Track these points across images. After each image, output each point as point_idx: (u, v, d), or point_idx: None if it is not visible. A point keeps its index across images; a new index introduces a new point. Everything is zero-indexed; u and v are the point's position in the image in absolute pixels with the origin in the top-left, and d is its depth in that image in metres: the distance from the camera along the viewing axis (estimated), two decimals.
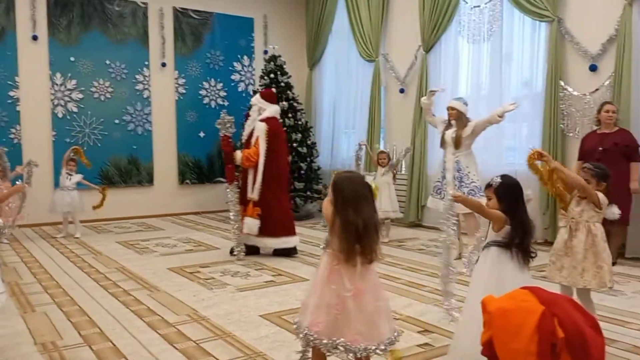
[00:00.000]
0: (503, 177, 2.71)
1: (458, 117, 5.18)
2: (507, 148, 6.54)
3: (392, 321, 2.39)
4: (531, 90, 6.26)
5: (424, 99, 5.67)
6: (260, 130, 5.42)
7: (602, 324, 3.35)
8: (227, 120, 5.38)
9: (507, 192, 2.62)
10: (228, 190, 5.42)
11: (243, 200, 5.43)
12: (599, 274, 2.98)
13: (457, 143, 5.17)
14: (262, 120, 5.45)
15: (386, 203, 6.23)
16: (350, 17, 8.41)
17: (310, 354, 2.41)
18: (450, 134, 5.24)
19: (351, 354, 2.25)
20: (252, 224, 5.32)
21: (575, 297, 3.04)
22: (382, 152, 6.53)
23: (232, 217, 5.41)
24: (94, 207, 6.81)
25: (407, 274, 4.82)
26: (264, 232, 5.37)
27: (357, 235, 2.19)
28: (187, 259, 5.43)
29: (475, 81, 6.79)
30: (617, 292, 4.15)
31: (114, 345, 3.15)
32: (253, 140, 5.45)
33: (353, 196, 2.22)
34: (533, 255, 2.63)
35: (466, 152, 5.18)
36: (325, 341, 2.21)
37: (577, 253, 3.00)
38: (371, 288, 2.28)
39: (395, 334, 2.35)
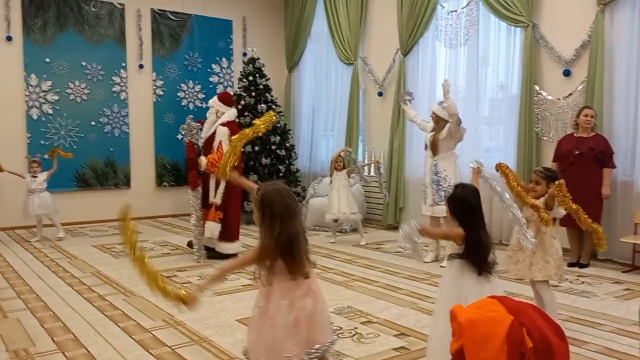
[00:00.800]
0: (456, 188, 2.66)
1: (436, 121, 5.25)
2: (485, 149, 6.62)
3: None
4: (507, 94, 6.34)
5: (406, 115, 5.84)
6: (222, 135, 5.48)
7: (573, 326, 3.46)
8: (194, 126, 5.44)
9: (457, 206, 2.60)
10: (191, 195, 5.46)
11: (205, 205, 5.48)
12: (545, 268, 3.30)
13: (434, 147, 5.23)
14: (222, 125, 5.52)
15: (344, 205, 6.29)
16: (329, 21, 8.44)
17: None
18: (429, 137, 5.30)
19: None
20: (214, 227, 5.44)
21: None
22: (339, 156, 6.54)
23: (193, 222, 5.46)
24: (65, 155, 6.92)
25: (385, 276, 4.85)
26: (221, 236, 5.49)
27: (286, 249, 2.13)
28: (164, 263, 5.39)
29: (452, 84, 6.84)
30: (589, 294, 4.24)
31: (88, 351, 3.11)
32: (215, 144, 5.48)
33: (283, 209, 2.13)
34: (492, 265, 2.59)
35: (444, 155, 5.24)
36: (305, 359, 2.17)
37: (526, 249, 3.18)
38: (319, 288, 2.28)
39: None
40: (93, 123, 8.08)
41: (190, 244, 5.77)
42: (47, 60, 7.71)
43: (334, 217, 6.39)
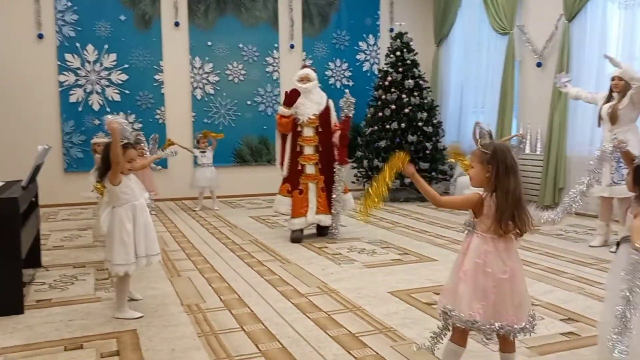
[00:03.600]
0: None
1: (622, 89, 4.68)
2: None
3: (529, 298, 2.30)
4: None
5: (570, 96, 5.36)
6: (332, 108, 5.44)
7: None
8: (352, 101, 5.33)
9: None
10: (342, 170, 5.34)
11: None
12: None
13: (614, 117, 4.67)
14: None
15: None
16: None
17: (446, 335, 2.32)
18: (606, 108, 4.75)
19: (510, 336, 2.18)
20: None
21: None
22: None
23: (336, 197, 5.34)
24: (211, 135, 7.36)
25: (545, 259, 4.51)
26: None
27: (516, 205, 2.11)
28: (315, 235, 5.54)
29: (627, 53, 6.08)
30: None
31: (252, 310, 3.31)
32: (333, 119, 5.39)
33: (513, 164, 2.14)
34: None
35: (627, 127, 4.66)
36: (485, 327, 2.12)
37: None
38: (520, 267, 2.21)
39: (532, 311, 2.25)
40: (249, 102, 8.57)
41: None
42: (209, 43, 8.31)
43: None
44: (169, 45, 8.15)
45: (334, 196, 5.32)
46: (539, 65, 7.24)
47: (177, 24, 8.16)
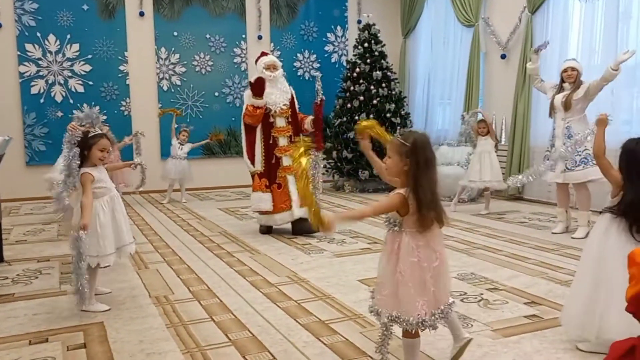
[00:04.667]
0: (629, 141, 2.42)
1: (576, 80, 4.83)
2: (623, 122, 6.00)
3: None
4: None
5: (529, 64, 5.37)
6: (295, 96, 5.23)
7: None
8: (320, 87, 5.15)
9: (623, 157, 2.38)
10: (319, 157, 5.22)
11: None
12: None
13: (567, 105, 4.82)
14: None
15: (486, 172, 6.02)
16: None
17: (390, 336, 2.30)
18: (560, 98, 4.90)
19: (450, 315, 2.24)
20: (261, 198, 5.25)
21: None
22: (481, 120, 6.29)
23: (315, 185, 5.12)
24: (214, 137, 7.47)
25: (509, 245, 4.62)
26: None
27: (435, 197, 2.10)
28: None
29: (587, 45, 6.26)
30: None
31: (221, 301, 3.30)
32: (297, 108, 5.21)
33: (432, 157, 2.11)
34: None
35: (579, 117, 4.83)
36: (431, 320, 2.14)
37: None
38: (444, 248, 2.22)
39: None
40: (216, 94, 8.49)
41: None
42: (175, 34, 8.19)
43: (476, 185, 6.19)
44: (133, 35, 8.00)
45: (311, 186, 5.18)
46: (503, 57, 7.38)
47: (141, 14, 8.01)
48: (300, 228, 5.09)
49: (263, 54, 5.39)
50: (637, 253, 1.15)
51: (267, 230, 5.22)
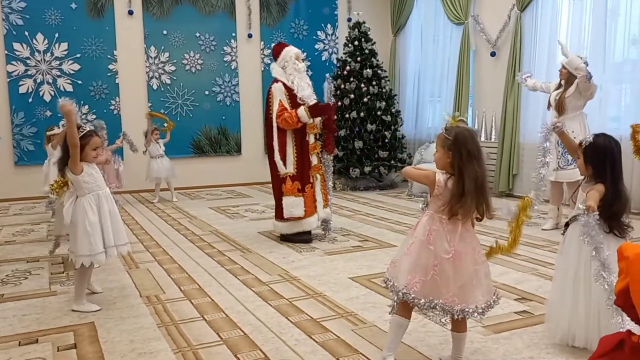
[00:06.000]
0: (597, 136, 2.43)
1: (566, 78, 4.87)
2: (613, 112, 6.06)
3: (491, 285, 2.31)
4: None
5: (529, 88, 5.51)
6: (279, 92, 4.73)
7: None
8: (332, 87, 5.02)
9: (594, 154, 2.38)
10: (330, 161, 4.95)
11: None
12: None
13: (560, 105, 4.86)
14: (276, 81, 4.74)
15: None
16: None
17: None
18: (554, 95, 4.93)
19: (448, 315, 2.21)
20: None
21: None
22: (461, 120, 6.26)
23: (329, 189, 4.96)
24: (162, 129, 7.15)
25: (499, 243, 4.64)
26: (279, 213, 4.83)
27: (479, 192, 2.15)
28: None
29: (575, 42, 6.31)
30: None
31: (212, 300, 3.29)
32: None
33: (475, 151, 2.16)
34: (625, 226, 2.37)
35: (573, 114, 4.85)
36: (422, 301, 2.18)
37: None
38: (470, 251, 2.22)
39: (494, 297, 2.27)
40: (207, 92, 8.46)
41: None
42: (165, 32, 8.15)
43: None
44: (122, 33, 7.95)
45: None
46: (493, 54, 7.42)
47: (130, 12, 7.96)
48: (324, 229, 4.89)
49: (282, 44, 4.94)
50: (624, 247, 1.16)
51: (309, 239, 4.74)
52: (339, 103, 7.93)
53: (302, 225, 4.67)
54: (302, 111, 4.54)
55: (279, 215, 4.71)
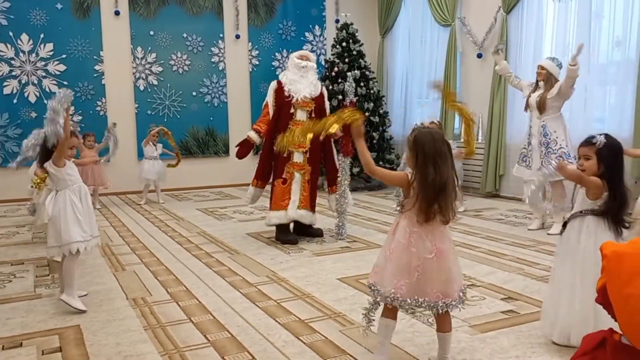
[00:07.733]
0: (607, 136, 2.44)
1: (547, 79, 4.91)
2: (597, 115, 6.12)
3: (461, 276, 2.34)
4: (624, 52, 5.80)
5: (496, 67, 5.51)
6: (326, 97, 5.07)
7: None
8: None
9: (611, 153, 2.39)
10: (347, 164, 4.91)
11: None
12: None
13: (542, 106, 4.91)
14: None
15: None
16: None
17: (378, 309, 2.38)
18: (535, 97, 4.98)
19: (433, 310, 2.23)
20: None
21: None
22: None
23: (341, 193, 4.91)
24: (169, 166, 7.12)
25: (487, 242, 4.68)
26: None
27: (436, 193, 2.14)
28: (264, 225, 5.51)
29: (560, 43, 6.37)
30: None
31: (200, 302, 3.28)
32: (327, 110, 4.97)
33: (433, 153, 2.15)
34: (627, 225, 2.43)
35: (553, 115, 4.91)
36: (408, 301, 2.19)
37: None
38: (450, 247, 2.25)
39: (463, 286, 2.31)
40: (194, 93, 8.42)
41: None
42: (152, 33, 8.10)
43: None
44: (109, 34, 7.89)
45: (336, 194, 4.90)
46: (479, 56, 7.47)
47: (117, 13, 7.90)
48: (300, 232, 4.93)
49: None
50: (604, 246, 1.18)
51: (293, 240, 4.76)
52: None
53: (270, 217, 4.81)
54: (252, 133, 4.94)
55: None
